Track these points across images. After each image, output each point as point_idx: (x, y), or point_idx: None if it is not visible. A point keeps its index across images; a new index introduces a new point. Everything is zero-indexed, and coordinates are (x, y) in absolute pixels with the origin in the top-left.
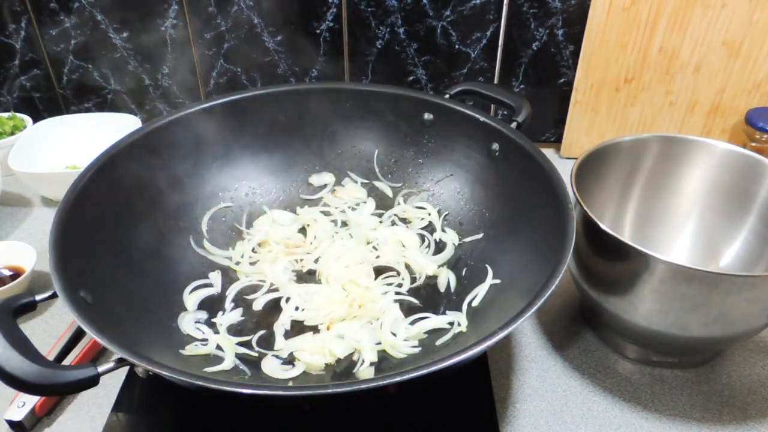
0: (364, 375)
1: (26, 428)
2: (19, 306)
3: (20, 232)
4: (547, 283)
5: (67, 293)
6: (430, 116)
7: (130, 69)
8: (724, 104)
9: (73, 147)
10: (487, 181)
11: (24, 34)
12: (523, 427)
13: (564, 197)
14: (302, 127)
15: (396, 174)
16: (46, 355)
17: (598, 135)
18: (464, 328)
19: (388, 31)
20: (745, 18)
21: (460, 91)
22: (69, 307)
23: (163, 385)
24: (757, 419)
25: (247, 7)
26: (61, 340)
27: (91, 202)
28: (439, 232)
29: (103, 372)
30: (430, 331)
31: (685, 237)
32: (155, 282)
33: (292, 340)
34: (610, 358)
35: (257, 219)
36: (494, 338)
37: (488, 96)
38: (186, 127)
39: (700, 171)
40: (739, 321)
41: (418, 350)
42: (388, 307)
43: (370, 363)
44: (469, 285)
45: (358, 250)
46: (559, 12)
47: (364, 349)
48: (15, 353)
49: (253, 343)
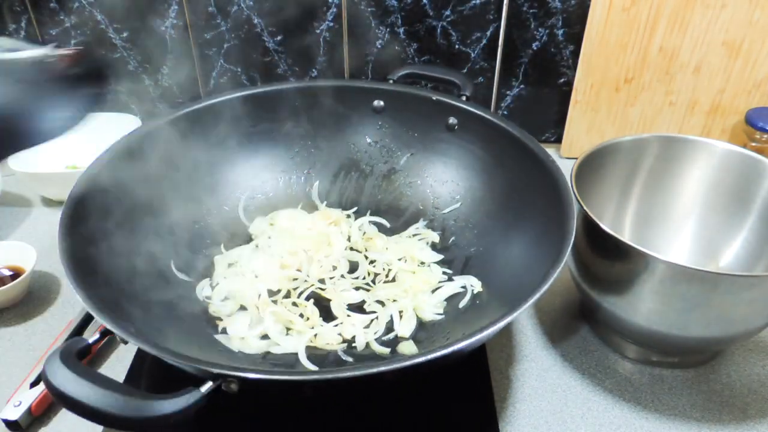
0: (406, 349)
1: (22, 428)
2: (80, 349)
3: (20, 232)
4: (557, 260)
5: (118, 328)
6: (380, 103)
7: (130, 69)
8: (724, 104)
9: (73, 147)
10: (456, 156)
11: (24, 34)
12: (523, 427)
13: (542, 155)
14: (247, 131)
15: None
16: (45, 352)
17: (598, 135)
18: (479, 288)
19: (388, 31)
20: (745, 18)
21: (403, 75)
22: (126, 338)
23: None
24: (757, 419)
25: (247, 7)
26: (59, 341)
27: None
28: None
29: (207, 392)
30: (449, 298)
31: (685, 237)
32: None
33: None
34: (610, 358)
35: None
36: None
37: (431, 76)
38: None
39: (700, 171)
40: (739, 321)
41: (443, 317)
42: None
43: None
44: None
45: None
46: (559, 12)
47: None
48: (108, 392)
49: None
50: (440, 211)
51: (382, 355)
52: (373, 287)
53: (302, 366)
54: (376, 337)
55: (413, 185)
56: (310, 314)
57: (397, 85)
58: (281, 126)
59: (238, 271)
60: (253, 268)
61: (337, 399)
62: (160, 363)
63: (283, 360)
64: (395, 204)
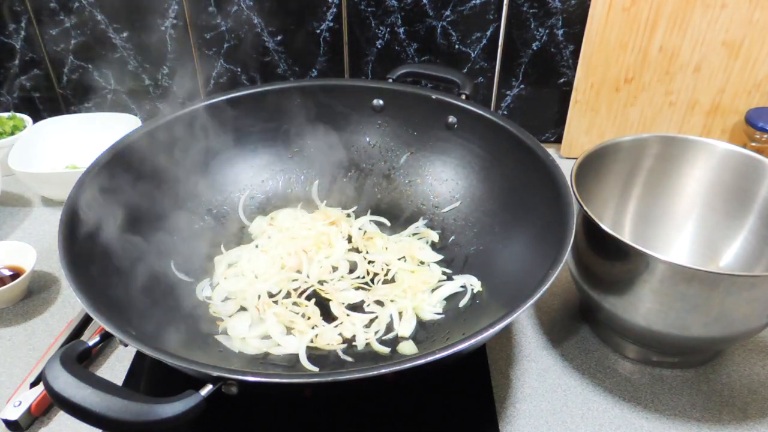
0: (406, 350)
1: (22, 428)
2: (80, 353)
3: (20, 232)
4: (557, 258)
5: (118, 330)
6: (380, 102)
7: (130, 69)
8: (724, 104)
9: (73, 147)
10: (456, 155)
11: (24, 34)
12: (523, 427)
13: (542, 154)
14: (247, 131)
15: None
16: (45, 352)
17: (598, 135)
18: (479, 287)
19: (388, 31)
20: (745, 18)
21: (402, 74)
22: (126, 341)
23: (167, 382)
24: (757, 419)
25: (247, 7)
26: (59, 341)
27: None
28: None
29: (207, 395)
30: (449, 298)
31: (685, 237)
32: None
33: None
34: (610, 358)
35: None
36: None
37: (430, 75)
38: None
39: (700, 171)
40: (739, 321)
41: (442, 316)
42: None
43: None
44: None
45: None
46: (559, 12)
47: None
48: (109, 397)
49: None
50: (440, 210)
51: (382, 355)
52: (372, 287)
53: (302, 366)
54: (377, 337)
55: (413, 184)
56: (311, 314)
57: (397, 84)
58: (281, 126)
59: (238, 272)
60: (254, 269)
61: (337, 399)
62: (160, 364)
63: (283, 361)
64: (395, 203)
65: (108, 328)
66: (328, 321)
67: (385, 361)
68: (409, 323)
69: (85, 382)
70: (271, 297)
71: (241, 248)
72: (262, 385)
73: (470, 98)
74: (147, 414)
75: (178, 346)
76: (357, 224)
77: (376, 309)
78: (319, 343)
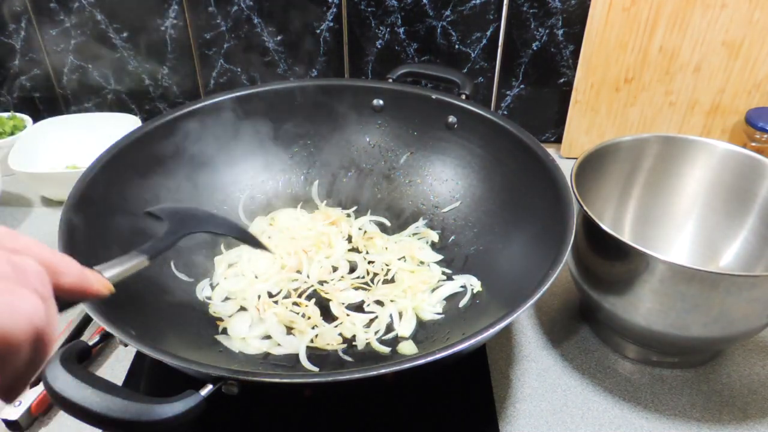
0: (406, 349)
1: (22, 427)
2: (80, 353)
3: (20, 232)
4: (557, 258)
5: (119, 330)
6: (380, 102)
7: (130, 69)
8: (724, 104)
9: (73, 147)
10: (456, 155)
11: (24, 34)
12: (523, 426)
13: (542, 154)
14: (244, 132)
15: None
16: None
17: (598, 135)
18: (479, 287)
19: (388, 31)
20: (745, 18)
21: (402, 73)
22: (127, 341)
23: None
24: (757, 419)
25: (247, 7)
26: (58, 341)
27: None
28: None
29: (207, 395)
30: (449, 298)
31: (685, 237)
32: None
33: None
34: (610, 358)
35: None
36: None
37: (430, 75)
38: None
39: (700, 171)
40: (739, 321)
41: (442, 316)
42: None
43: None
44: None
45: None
46: (559, 12)
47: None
48: (109, 397)
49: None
50: (440, 209)
51: (382, 355)
52: (372, 287)
53: (302, 366)
54: (377, 337)
55: (413, 184)
56: (311, 314)
57: (397, 84)
58: (281, 125)
59: (239, 272)
60: (254, 269)
61: (337, 399)
62: (160, 364)
63: (283, 360)
64: (395, 203)
65: (108, 328)
66: (328, 321)
67: (385, 361)
68: (409, 323)
69: (85, 382)
70: (271, 297)
71: (241, 248)
72: (262, 385)
73: (470, 98)
74: (147, 414)
75: (178, 346)
76: (357, 224)
77: (376, 309)
78: (319, 343)
